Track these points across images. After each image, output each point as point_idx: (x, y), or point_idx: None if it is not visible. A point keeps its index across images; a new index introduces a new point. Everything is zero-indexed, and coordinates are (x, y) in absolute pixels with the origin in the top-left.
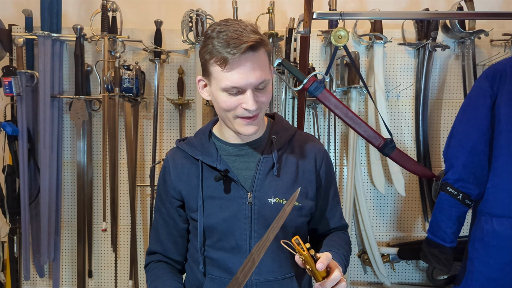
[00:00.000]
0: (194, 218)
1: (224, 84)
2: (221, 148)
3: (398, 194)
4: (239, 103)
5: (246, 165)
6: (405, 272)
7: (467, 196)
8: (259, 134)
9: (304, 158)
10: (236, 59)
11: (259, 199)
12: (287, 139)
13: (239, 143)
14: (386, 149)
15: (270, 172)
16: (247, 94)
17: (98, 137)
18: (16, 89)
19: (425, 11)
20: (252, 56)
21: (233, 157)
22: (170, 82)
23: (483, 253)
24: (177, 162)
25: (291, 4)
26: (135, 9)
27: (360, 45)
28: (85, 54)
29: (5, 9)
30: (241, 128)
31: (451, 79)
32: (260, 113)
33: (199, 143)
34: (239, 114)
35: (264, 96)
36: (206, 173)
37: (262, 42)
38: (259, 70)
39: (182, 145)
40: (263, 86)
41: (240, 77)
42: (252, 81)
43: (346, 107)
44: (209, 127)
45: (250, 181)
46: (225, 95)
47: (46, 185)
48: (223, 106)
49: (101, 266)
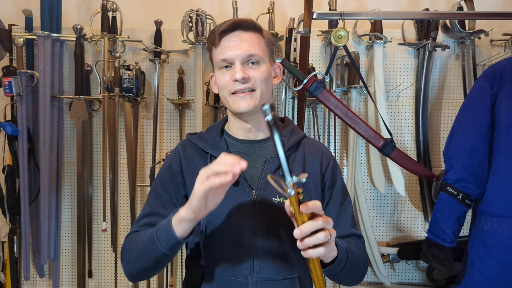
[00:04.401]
0: None
1: (216, 60)
2: (231, 145)
3: (398, 194)
4: (231, 77)
5: (253, 164)
6: (405, 272)
7: (467, 196)
8: (267, 133)
9: (310, 162)
10: (224, 34)
11: (263, 198)
12: (295, 142)
13: (248, 140)
14: (386, 149)
15: (276, 172)
16: (235, 65)
17: (98, 137)
18: (16, 89)
19: (425, 11)
20: (240, 32)
21: (241, 154)
22: (170, 82)
23: (483, 253)
24: (187, 153)
25: (291, 4)
26: (135, 9)
27: (360, 45)
28: (85, 54)
29: (5, 9)
30: (236, 104)
31: (451, 79)
32: (255, 91)
33: (211, 137)
34: (231, 89)
35: (256, 72)
36: None
37: (252, 24)
38: (248, 44)
39: (193, 138)
40: (254, 61)
41: (227, 49)
42: (239, 52)
43: (346, 107)
44: (222, 123)
45: (256, 180)
46: (220, 72)
47: (46, 185)
48: (219, 84)
49: (101, 266)
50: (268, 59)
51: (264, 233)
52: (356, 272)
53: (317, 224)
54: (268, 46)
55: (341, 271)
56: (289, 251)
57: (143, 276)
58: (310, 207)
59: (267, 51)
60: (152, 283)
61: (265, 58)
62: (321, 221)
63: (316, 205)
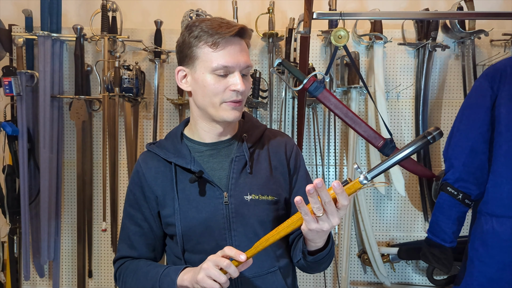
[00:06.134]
0: (171, 222)
1: (215, 64)
2: (194, 149)
3: (398, 194)
4: (226, 85)
5: (220, 165)
6: (405, 272)
7: (467, 196)
8: (231, 133)
9: (275, 153)
10: (228, 40)
11: (235, 198)
12: (258, 136)
13: (212, 142)
14: (386, 149)
15: (244, 170)
16: (235, 75)
17: (98, 137)
18: (16, 89)
19: (425, 11)
20: (239, 41)
21: (206, 158)
22: (170, 82)
23: (483, 253)
24: (150, 166)
25: (291, 4)
26: (135, 9)
27: (360, 45)
28: (85, 54)
29: (5, 9)
30: (226, 113)
31: (451, 79)
32: (242, 102)
33: (171, 145)
34: (226, 98)
35: (247, 84)
36: (180, 175)
37: (249, 33)
38: (246, 55)
39: (153, 148)
40: (247, 72)
41: (231, 56)
42: (241, 62)
43: (346, 107)
44: (180, 129)
45: (225, 181)
46: (213, 77)
47: (46, 185)
48: (211, 89)
49: (101, 266)
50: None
51: (242, 232)
52: (331, 259)
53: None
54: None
55: (325, 257)
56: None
57: None
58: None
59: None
60: None
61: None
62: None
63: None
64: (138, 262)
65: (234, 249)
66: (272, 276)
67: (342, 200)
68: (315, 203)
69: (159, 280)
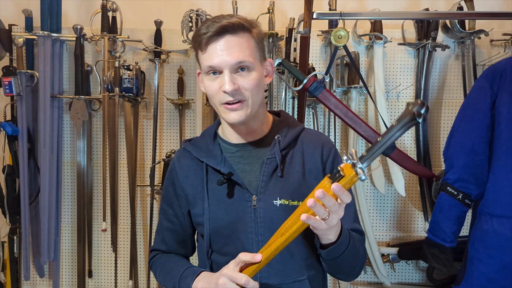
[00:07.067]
0: (200, 222)
1: (203, 66)
2: (225, 149)
3: (398, 194)
4: (219, 86)
5: (250, 167)
6: (405, 272)
7: (467, 196)
8: (262, 133)
9: (310, 156)
10: (211, 40)
11: (264, 202)
12: (293, 138)
13: (242, 143)
14: (386, 149)
15: (275, 174)
16: (224, 74)
17: (98, 137)
18: (16, 89)
19: (425, 11)
20: (230, 38)
21: (237, 158)
22: (170, 82)
23: (483, 253)
24: (183, 164)
25: (291, 4)
26: (135, 9)
27: (360, 45)
28: (85, 54)
29: (5, 9)
30: (226, 116)
31: (451, 79)
32: (245, 101)
33: (204, 144)
34: (221, 100)
35: (246, 81)
36: (211, 175)
37: (241, 26)
38: (237, 51)
39: (188, 146)
40: (244, 67)
41: (214, 56)
42: (227, 59)
43: (346, 107)
44: (215, 127)
45: (254, 183)
46: (208, 79)
47: (46, 185)
48: (208, 92)
49: (101, 266)
50: (259, 61)
51: (268, 237)
52: (355, 260)
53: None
54: (258, 46)
55: (342, 254)
56: (296, 252)
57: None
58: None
59: (257, 52)
60: (152, 283)
61: (255, 62)
62: (334, 203)
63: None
64: (166, 257)
65: (248, 254)
66: (299, 285)
67: (345, 199)
68: (319, 211)
69: (178, 281)
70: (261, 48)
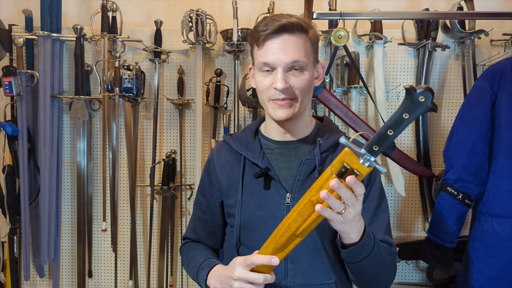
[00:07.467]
0: (232, 213)
1: (257, 62)
2: (265, 145)
3: (398, 194)
4: (271, 83)
5: (288, 165)
6: (405, 272)
7: (467, 196)
8: (303, 134)
9: None
10: (269, 37)
11: (297, 201)
12: (333, 143)
13: (283, 141)
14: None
15: (312, 174)
16: (277, 73)
17: (98, 137)
18: (16, 89)
19: (425, 11)
20: (286, 37)
21: (275, 156)
22: (170, 82)
23: (483, 253)
24: (222, 155)
25: (291, 4)
26: (135, 9)
27: (360, 45)
28: (85, 54)
29: (5, 9)
30: (273, 112)
31: (451, 79)
32: (294, 100)
33: (245, 138)
34: (271, 96)
35: (297, 80)
36: (248, 169)
37: (299, 27)
38: (293, 50)
39: (228, 139)
40: (298, 67)
41: (270, 53)
42: (283, 58)
43: (346, 107)
44: (257, 124)
45: (290, 181)
46: (260, 74)
47: (46, 185)
48: (258, 87)
49: (101, 266)
50: (312, 62)
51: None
52: (380, 270)
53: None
54: (313, 48)
55: (365, 258)
56: (325, 255)
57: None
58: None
59: (312, 54)
60: (152, 283)
61: (309, 63)
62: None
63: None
64: (194, 246)
65: (262, 257)
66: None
67: (358, 191)
68: (334, 204)
69: (197, 272)
70: (316, 50)
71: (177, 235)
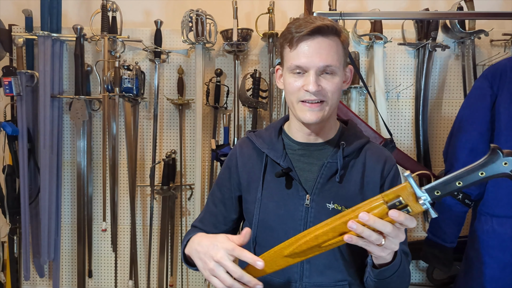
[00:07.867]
0: (250, 210)
1: (289, 63)
2: (288, 145)
3: None
4: (302, 85)
5: (309, 167)
6: None
7: (467, 196)
8: (327, 137)
9: (371, 169)
10: (303, 39)
11: (317, 203)
12: (357, 148)
13: (306, 142)
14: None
15: (333, 178)
16: (309, 75)
17: (98, 137)
18: (16, 89)
19: (425, 11)
20: (320, 40)
21: (297, 156)
22: (170, 82)
23: (483, 253)
24: (244, 152)
25: (291, 4)
26: (135, 9)
27: (360, 45)
28: (85, 54)
29: (5, 9)
30: (302, 114)
31: (451, 79)
32: (325, 102)
33: (268, 137)
34: (301, 97)
35: (329, 84)
36: (270, 167)
37: (333, 30)
38: (326, 54)
39: (251, 136)
40: (329, 71)
41: (303, 55)
42: (316, 61)
43: (346, 107)
44: (281, 123)
45: (311, 183)
46: (291, 76)
47: (46, 185)
48: (288, 88)
49: (101, 266)
50: (343, 66)
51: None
52: (402, 282)
53: (386, 228)
54: (344, 52)
55: (392, 274)
56: (340, 257)
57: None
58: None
59: (343, 58)
60: (152, 282)
61: (340, 67)
62: (391, 229)
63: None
64: (195, 231)
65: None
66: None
67: (409, 224)
68: (370, 237)
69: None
70: (346, 54)
71: (177, 235)
